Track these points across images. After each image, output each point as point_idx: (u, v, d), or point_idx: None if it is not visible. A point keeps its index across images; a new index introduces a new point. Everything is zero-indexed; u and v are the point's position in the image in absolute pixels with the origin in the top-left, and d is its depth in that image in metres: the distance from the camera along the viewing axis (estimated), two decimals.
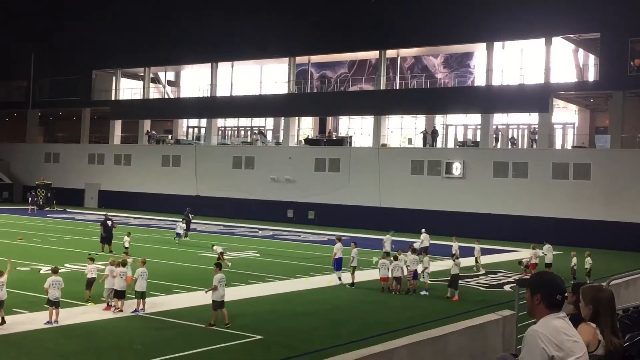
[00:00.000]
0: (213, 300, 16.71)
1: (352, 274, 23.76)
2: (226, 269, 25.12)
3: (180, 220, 38.40)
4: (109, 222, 31.34)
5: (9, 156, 73.23)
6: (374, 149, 51.76)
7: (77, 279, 21.89)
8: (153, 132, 65.05)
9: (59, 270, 17.23)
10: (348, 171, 52.02)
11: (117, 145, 65.84)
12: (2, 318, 15.36)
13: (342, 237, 25.99)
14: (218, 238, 39.18)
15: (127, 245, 29.67)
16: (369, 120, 55.16)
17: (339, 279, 23.92)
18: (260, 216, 53.77)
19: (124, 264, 18.29)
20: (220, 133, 63.78)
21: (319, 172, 53.64)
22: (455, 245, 29.97)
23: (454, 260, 22.56)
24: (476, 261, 29.55)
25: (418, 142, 52.52)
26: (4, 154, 73.72)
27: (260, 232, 45.08)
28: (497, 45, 49.31)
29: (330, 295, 22.01)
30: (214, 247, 27.90)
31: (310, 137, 57.48)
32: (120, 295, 17.74)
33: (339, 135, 57.23)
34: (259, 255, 31.93)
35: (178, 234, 36.48)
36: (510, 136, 50.94)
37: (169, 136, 65.56)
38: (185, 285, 21.69)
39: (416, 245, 29.47)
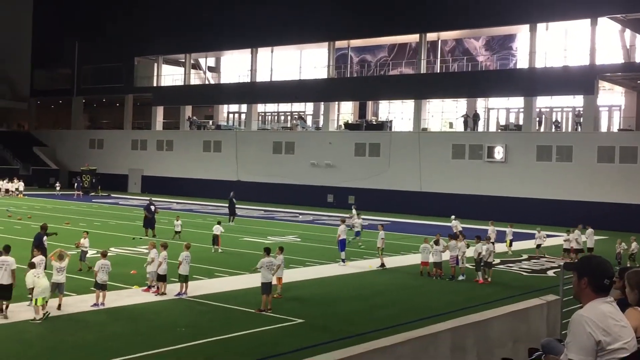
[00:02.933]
0: (261, 283, 16.92)
1: (380, 256, 24.33)
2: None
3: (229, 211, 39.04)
4: (152, 207, 31.83)
5: (55, 143, 74.92)
6: (414, 133, 51.40)
7: (122, 262, 22.34)
8: (194, 117, 65.71)
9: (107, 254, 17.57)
10: (388, 156, 51.79)
11: (159, 131, 66.74)
12: (59, 304, 15.70)
13: (384, 223, 26.19)
14: (259, 223, 39.51)
15: (178, 229, 30.16)
16: (409, 104, 54.74)
17: (342, 260, 24.43)
18: (300, 201, 53.98)
19: (164, 246, 18.53)
20: (260, 118, 64.09)
21: (359, 157, 53.55)
22: (491, 229, 29.72)
23: (483, 244, 22.52)
24: (509, 245, 29.33)
25: (459, 126, 51.96)
26: (50, 141, 75.46)
27: (300, 216, 45.29)
28: (541, 26, 48.32)
29: (370, 279, 22.04)
30: (214, 227, 27.90)
31: (350, 122, 57.37)
32: (162, 278, 18.01)
33: (379, 119, 56.99)
34: (299, 239, 32.09)
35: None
36: (554, 119, 50.02)
37: (210, 122, 66.15)
38: (227, 269, 21.93)
39: (454, 229, 29.47)
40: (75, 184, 60.19)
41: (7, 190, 55.76)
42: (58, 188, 59.86)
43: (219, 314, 16.14)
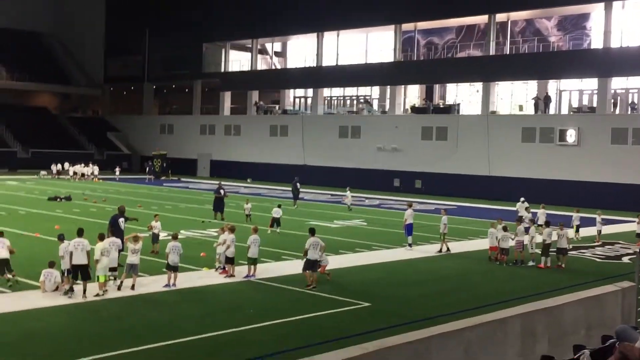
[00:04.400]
0: (306, 260, 17.19)
1: (443, 240, 24.16)
2: (330, 236, 25.54)
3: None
4: (222, 191, 32.40)
5: (127, 128, 77.12)
6: (482, 116, 50.53)
7: (192, 245, 22.87)
8: (261, 102, 66.38)
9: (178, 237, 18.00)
10: (456, 139, 51.14)
11: (227, 116, 67.75)
12: (133, 284, 16.25)
13: (448, 208, 26.00)
14: (325, 207, 39.70)
15: (248, 212, 30.66)
16: (478, 87, 53.81)
17: (409, 245, 24.39)
18: (367, 185, 53.98)
19: (232, 230, 18.84)
20: (326, 103, 64.23)
21: (425, 141, 53.08)
22: (575, 216, 29.01)
23: (554, 229, 22.09)
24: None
25: (529, 109, 50.75)
26: (123, 126, 77.70)
27: (366, 200, 45.36)
28: (617, 4, 46.51)
29: (437, 264, 21.91)
30: (274, 210, 28.25)
31: (416, 106, 56.86)
32: (230, 261, 18.36)
33: (446, 103, 56.27)
34: (365, 223, 32.16)
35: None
36: (630, 101, 48.16)
37: (277, 106, 66.69)
38: (294, 252, 22.18)
39: (526, 217, 28.99)
40: (147, 168, 61.95)
41: (82, 175, 57.77)
42: (118, 172, 60.99)
43: (285, 297, 16.35)
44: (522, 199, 33.32)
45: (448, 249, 23.99)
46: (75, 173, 57.85)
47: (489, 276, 20.27)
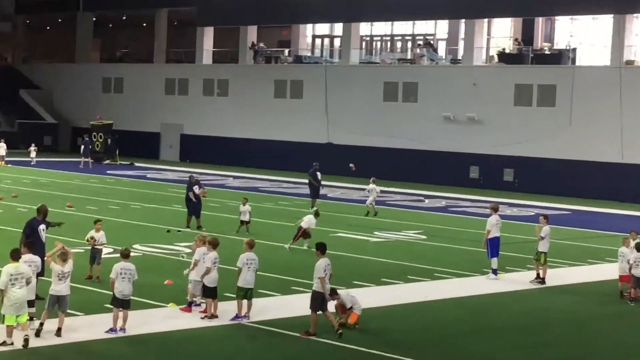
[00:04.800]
0: (313, 292, 17.48)
1: (539, 263, 23.99)
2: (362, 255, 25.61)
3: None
4: (197, 187, 32.46)
5: (53, 83, 77.14)
6: (612, 69, 50.23)
7: (152, 267, 22.97)
8: (261, 45, 66.47)
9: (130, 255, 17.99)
10: (569, 105, 50.86)
11: (207, 67, 68.05)
12: (59, 328, 16.28)
13: (548, 214, 25.82)
14: (361, 210, 39.73)
15: (245, 217, 30.82)
16: (604, 22, 53.51)
17: (494, 271, 24.39)
18: (427, 176, 54.05)
19: (213, 244, 18.76)
20: (364, 46, 64.00)
21: (521, 108, 52.98)
22: None
23: None
24: None
25: None
26: (45, 80, 77.64)
27: (427, 201, 45.53)
28: None
29: (536, 302, 21.90)
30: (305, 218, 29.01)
31: (507, 51, 56.61)
32: (211, 293, 18.38)
33: (555, 47, 55.90)
34: (424, 237, 32.22)
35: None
36: None
37: (286, 51, 66.71)
38: (309, 281, 22.20)
39: None
40: (82, 147, 61.39)
41: None
42: (33, 154, 59.81)
43: (297, 349, 16.44)
44: None
45: (541, 279, 23.83)
46: None
47: (617, 323, 20.24)
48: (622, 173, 48.97)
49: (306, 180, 41.44)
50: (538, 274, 24.11)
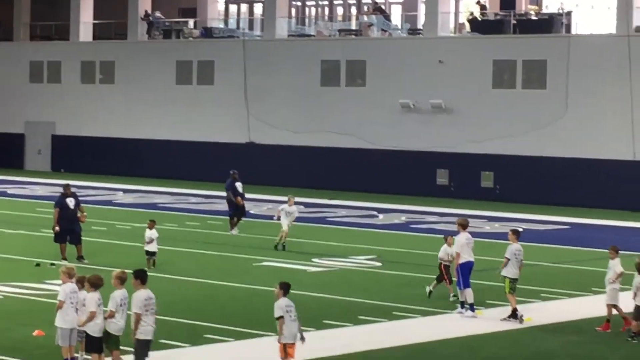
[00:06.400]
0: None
1: (510, 295, 24.15)
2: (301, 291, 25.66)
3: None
4: (71, 201, 32.26)
5: None
6: (618, 38, 50.89)
7: (16, 313, 22.78)
8: (157, 14, 66.31)
9: None
10: (564, 87, 51.35)
11: (86, 44, 67.76)
12: None
13: (521, 229, 26.09)
14: (296, 230, 39.86)
15: (152, 247, 30.59)
16: None
17: (464, 306, 24.55)
18: (382, 184, 54.28)
19: (95, 284, 18.65)
20: (294, 13, 64.24)
21: (502, 91, 53.48)
22: None
23: None
24: None
25: None
26: None
27: (381, 216, 45.67)
28: None
29: (519, 345, 22.05)
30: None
31: (481, 17, 57.20)
32: (95, 345, 18.27)
33: (543, 11, 56.46)
34: (379, 265, 32.31)
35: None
36: None
37: (190, 22, 66.66)
38: (231, 327, 22.23)
39: None
40: None
41: None
42: None
43: None
44: None
45: (515, 315, 24.01)
46: None
47: None
48: (634, 175, 49.46)
49: (223, 194, 41.39)
50: (513, 312, 24.24)
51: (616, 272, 23.49)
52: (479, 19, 56.91)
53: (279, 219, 35.01)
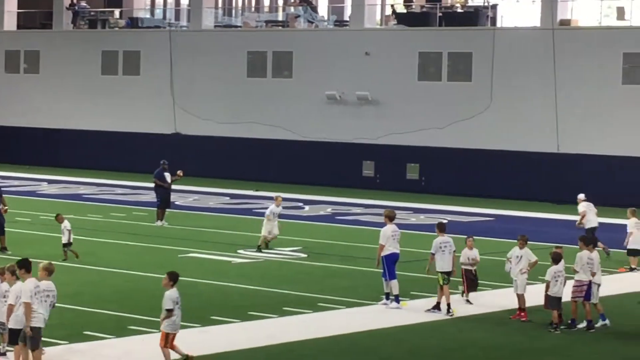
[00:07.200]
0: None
1: (442, 288, 24.37)
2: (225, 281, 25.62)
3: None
4: None
5: None
6: (543, 31, 51.30)
7: None
8: (82, 3, 65.79)
9: None
10: (489, 79, 51.68)
11: (10, 34, 67.02)
12: None
13: (446, 221, 26.30)
14: (222, 221, 39.78)
15: (67, 239, 30.26)
16: None
17: (389, 298, 24.74)
18: (308, 175, 54.42)
19: (12, 271, 18.48)
20: (221, 4, 64.02)
21: (427, 83, 53.70)
22: None
23: None
24: None
25: (638, 18, 51.72)
26: None
27: (307, 207, 45.76)
28: None
29: (444, 336, 22.28)
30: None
31: (407, 10, 57.31)
32: (15, 337, 18.08)
33: (469, 4, 56.73)
34: (304, 256, 32.41)
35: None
36: None
37: (116, 12, 66.24)
38: (156, 319, 22.07)
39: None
40: None
41: None
42: None
43: None
44: (580, 196, 35.07)
45: (436, 304, 24.26)
46: None
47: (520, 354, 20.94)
48: (558, 167, 49.92)
49: (150, 185, 41.26)
50: (440, 302, 24.39)
51: (530, 261, 23.91)
52: (405, 11, 57.08)
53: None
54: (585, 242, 23.99)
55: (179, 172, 38.54)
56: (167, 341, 17.83)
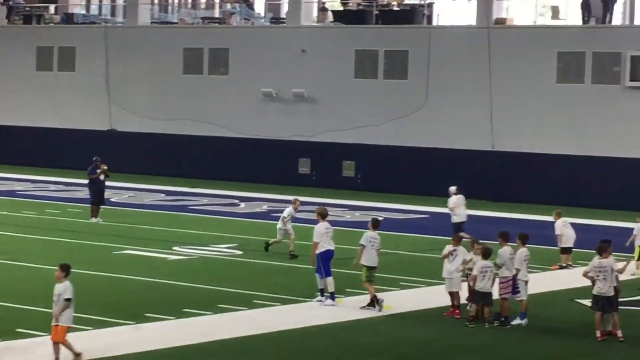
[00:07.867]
0: None
1: (367, 284, 24.50)
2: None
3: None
4: None
5: None
6: (478, 30, 51.55)
7: None
8: None
9: None
10: (424, 77, 51.84)
11: None
12: None
13: (381, 218, 26.41)
14: (157, 218, 39.66)
15: None
16: None
17: (324, 295, 24.80)
18: (244, 172, 54.39)
19: None
20: (157, 1, 63.79)
21: (364, 81, 53.82)
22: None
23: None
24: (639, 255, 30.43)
25: (572, 17, 52.15)
26: None
27: (242, 204, 45.85)
28: None
29: (377, 333, 22.33)
30: None
31: (343, 7, 57.39)
32: None
33: (405, 2, 56.90)
34: (240, 253, 32.44)
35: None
36: None
37: (51, 8, 65.78)
38: (90, 316, 21.98)
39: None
40: None
41: None
42: None
43: None
44: (451, 188, 36.25)
45: (375, 303, 24.30)
46: None
47: (488, 356, 21.01)
48: (491, 165, 50.30)
49: (84, 181, 41.03)
50: (372, 301, 24.47)
51: (466, 259, 24.01)
52: (343, 9, 57.13)
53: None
54: (505, 239, 24.20)
55: (103, 166, 38.18)
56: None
